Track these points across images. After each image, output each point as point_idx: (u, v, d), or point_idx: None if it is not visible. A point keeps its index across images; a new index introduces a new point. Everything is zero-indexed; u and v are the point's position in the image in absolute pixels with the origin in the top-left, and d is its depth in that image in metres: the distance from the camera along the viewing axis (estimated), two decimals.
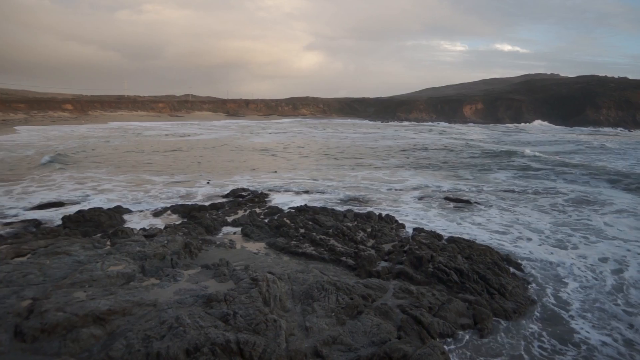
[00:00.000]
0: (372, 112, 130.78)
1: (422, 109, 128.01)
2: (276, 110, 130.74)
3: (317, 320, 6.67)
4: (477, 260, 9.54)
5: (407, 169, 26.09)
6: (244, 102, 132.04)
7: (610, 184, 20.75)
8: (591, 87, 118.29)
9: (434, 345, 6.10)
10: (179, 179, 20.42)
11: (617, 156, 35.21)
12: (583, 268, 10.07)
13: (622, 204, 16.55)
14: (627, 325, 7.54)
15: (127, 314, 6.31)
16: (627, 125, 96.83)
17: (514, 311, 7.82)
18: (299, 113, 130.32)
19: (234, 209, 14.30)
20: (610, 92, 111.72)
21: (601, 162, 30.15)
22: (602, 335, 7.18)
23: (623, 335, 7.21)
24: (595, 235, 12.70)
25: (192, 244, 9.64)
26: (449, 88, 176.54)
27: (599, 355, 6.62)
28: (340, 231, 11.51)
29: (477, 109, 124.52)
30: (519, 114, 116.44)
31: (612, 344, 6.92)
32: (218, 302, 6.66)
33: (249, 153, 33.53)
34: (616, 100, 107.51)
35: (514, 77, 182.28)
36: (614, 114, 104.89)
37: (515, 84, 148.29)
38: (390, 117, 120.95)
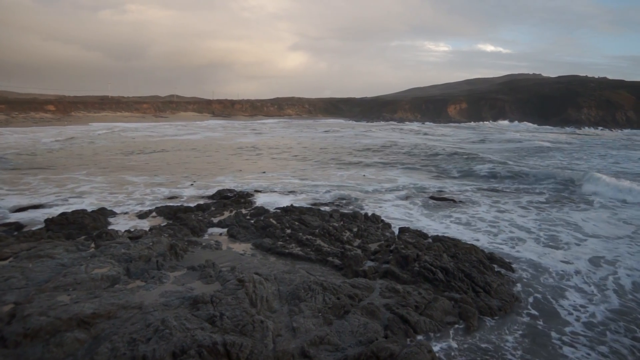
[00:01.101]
0: (357, 112, 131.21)
1: (407, 109, 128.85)
2: (262, 110, 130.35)
3: (304, 320, 6.68)
4: (463, 259, 9.64)
5: (392, 168, 26.23)
6: (229, 103, 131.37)
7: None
8: (572, 87, 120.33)
9: (421, 344, 6.16)
10: (164, 180, 20.24)
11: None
12: (566, 263, 10.25)
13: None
14: (614, 316, 7.70)
15: (112, 317, 6.24)
16: (608, 125, 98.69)
17: (499, 308, 7.92)
18: (285, 113, 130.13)
19: (219, 210, 14.23)
20: (590, 92, 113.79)
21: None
22: (587, 330, 7.31)
23: (606, 327, 7.36)
24: (576, 231, 12.94)
25: (178, 246, 9.57)
26: (434, 88, 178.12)
27: (582, 347, 6.73)
28: (327, 231, 11.54)
29: (461, 109, 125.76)
30: (503, 114, 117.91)
31: (595, 337, 7.06)
32: (204, 304, 6.63)
33: (235, 153, 33.38)
34: (597, 100, 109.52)
35: (497, 77, 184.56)
36: (594, 113, 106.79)
37: (498, 84, 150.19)
38: (375, 117, 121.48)
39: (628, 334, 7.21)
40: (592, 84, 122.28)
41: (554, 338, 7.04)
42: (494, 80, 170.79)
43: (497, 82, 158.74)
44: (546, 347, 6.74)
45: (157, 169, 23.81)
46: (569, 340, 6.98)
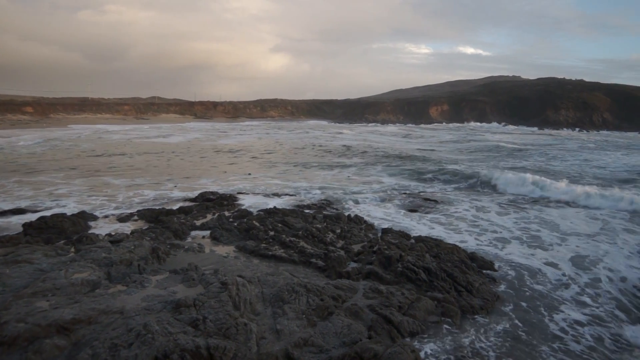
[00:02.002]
0: (340, 113, 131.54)
1: (390, 111, 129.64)
2: (244, 112, 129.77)
3: (288, 322, 6.68)
4: (445, 259, 9.74)
5: (374, 169, 26.36)
6: (211, 104, 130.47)
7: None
8: (550, 89, 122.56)
9: (404, 344, 6.21)
10: (146, 182, 20.00)
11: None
12: (545, 261, 10.45)
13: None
14: (587, 311, 7.86)
15: (92, 323, 6.15)
16: (585, 126, 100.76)
17: (481, 307, 8.03)
18: (268, 115, 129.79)
19: (202, 212, 14.12)
20: (568, 94, 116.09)
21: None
22: (566, 326, 7.44)
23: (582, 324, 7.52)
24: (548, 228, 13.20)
25: (160, 249, 9.47)
26: (416, 90, 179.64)
27: (559, 345, 6.86)
28: (310, 233, 11.55)
29: (442, 110, 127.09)
30: (483, 115, 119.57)
31: (574, 333, 7.20)
32: (187, 308, 6.57)
33: (218, 155, 33.15)
34: (574, 101, 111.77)
35: (478, 79, 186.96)
36: (572, 114, 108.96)
37: (479, 86, 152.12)
38: (358, 118, 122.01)
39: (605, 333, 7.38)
40: (569, 86, 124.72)
41: (536, 335, 7.15)
42: (475, 82, 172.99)
43: (477, 84, 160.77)
44: (527, 345, 6.84)
45: (139, 172, 23.51)
46: (551, 338, 7.11)
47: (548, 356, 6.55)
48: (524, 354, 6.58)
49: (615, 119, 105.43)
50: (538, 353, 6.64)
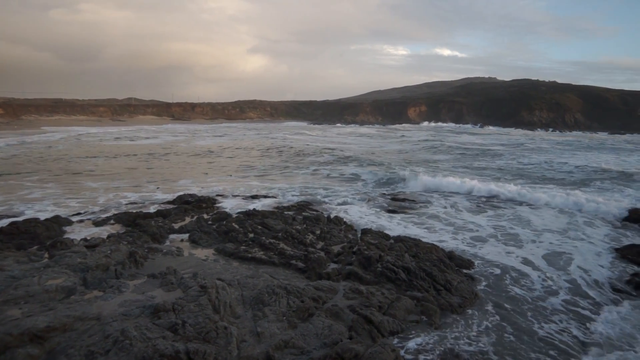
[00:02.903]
0: (319, 115, 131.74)
1: (368, 112, 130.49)
2: (223, 113, 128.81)
3: (269, 325, 6.65)
4: (424, 258, 9.85)
5: (353, 170, 26.46)
6: (189, 106, 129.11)
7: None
8: (525, 90, 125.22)
9: (385, 343, 6.24)
10: (123, 185, 19.66)
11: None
12: (521, 258, 10.66)
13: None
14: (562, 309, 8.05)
15: (68, 330, 6.01)
16: (558, 126, 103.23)
17: (459, 305, 8.13)
18: (247, 116, 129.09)
19: (180, 215, 13.95)
20: (542, 95, 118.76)
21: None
22: (545, 323, 7.60)
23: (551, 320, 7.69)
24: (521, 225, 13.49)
25: (138, 253, 9.32)
26: (394, 91, 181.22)
27: (537, 341, 7.00)
28: (290, 234, 11.53)
29: (421, 111, 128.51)
30: (460, 116, 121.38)
31: (548, 328, 7.36)
32: (166, 312, 6.48)
33: (196, 157, 32.81)
34: (547, 102, 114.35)
35: (455, 81, 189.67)
36: (545, 115, 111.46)
37: (456, 87, 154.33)
38: (337, 119, 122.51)
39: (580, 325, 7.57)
40: (542, 87, 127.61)
41: (515, 330, 7.28)
42: (452, 84, 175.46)
43: (454, 85, 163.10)
44: (507, 340, 6.96)
45: (115, 174, 23.10)
46: (529, 332, 7.25)
47: (527, 352, 6.66)
48: (503, 349, 6.69)
49: (587, 120, 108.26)
50: (517, 347, 6.76)
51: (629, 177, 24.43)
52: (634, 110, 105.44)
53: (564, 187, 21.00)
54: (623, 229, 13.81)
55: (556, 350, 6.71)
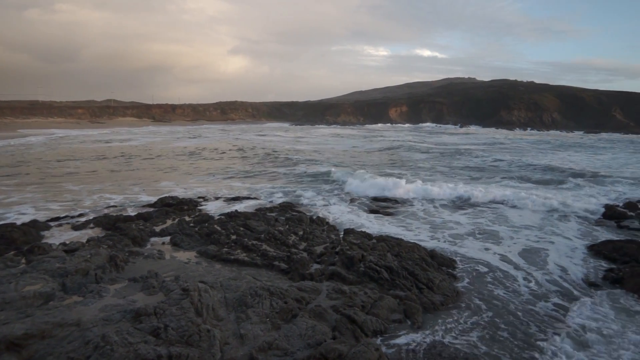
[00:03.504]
0: (301, 115, 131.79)
1: (350, 112, 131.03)
2: (204, 115, 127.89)
3: (252, 326, 6.63)
4: (406, 257, 9.93)
5: (335, 170, 26.54)
6: (170, 107, 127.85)
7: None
8: (504, 90, 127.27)
9: (368, 343, 6.28)
10: (102, 188, 19.36)
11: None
12: (500, 255, 10.85)
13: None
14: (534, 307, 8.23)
15: (46, 337, 5.90)
16: (536, 126, 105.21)
17: (441, 303, 8.23)
18: (228, 118, 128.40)
19: (162, 218, 13.81)
20: (520, 95, 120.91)
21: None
22: (526, 319, 7.74)
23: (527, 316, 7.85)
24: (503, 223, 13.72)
25: (118, 257, 9.19)
26: (375, 91, 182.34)
27: (518, 336, 7.13)
28: (272, 235, 11.51)
29: (402, 112, 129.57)
30: (441, 116, 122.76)
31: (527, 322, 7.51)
32: (147, 316, 6.41)
33: (178, 159, 32.49)
34: (525, 102, 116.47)
35: (435, 81, 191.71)
36: (524, 115, 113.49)
37: (436, 87, 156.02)
38: (319, 120, 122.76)
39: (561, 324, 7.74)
40: (521, 87, 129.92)
41: (496, 328, 7.40)
42: (433, 84, 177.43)
43: (435, 86, 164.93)
44: (487, 339, 7.07)
45: (95, 177, 22.74)
46: (510, 328, 7.38)
47: (509, 347, 6.78)
48: (485, 345, 6.79)
49: (564, 119, 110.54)
50: (499, 343, 6.87)
51: (603, 175, 25.03)
52: (608, 110, 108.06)
53: (538, 186, 21.45)
54: (598, 226, 14.14)
55: (537, 347, 6.83)
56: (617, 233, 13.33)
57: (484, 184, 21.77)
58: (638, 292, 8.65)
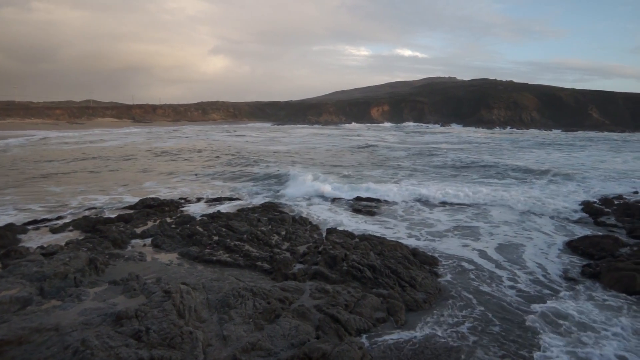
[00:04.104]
0: (283, 115, 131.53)
1: (332, 112, 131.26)
2: (185, 115, 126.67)
3: (235, 327, 6.60)
4: (388, 256, 10.00)
5: (315, 170, 26.57)
6: (150, 108, 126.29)
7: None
8: (484, 89, 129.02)
9: (352, 342, 6.31)
10: (84, 189, 19.01)
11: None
12: (479, 251, 11.01)
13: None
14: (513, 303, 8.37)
15: (24, 342, 5.77)
16: (515, 124, 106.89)
17: (424, 301, 8.31)
18: (210, 118, 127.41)
19: (143, 219, 13.64)
20: (499, 94, 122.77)
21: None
22: (507, 315, 7.86)
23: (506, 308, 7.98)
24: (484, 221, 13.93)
25: (98, 260, 9.05)
26: (357, 91, 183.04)
27: (499, 333, 7.24)
28: (255, 236, 11.47)
29: (383, 111, 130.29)
30: (422, 115, 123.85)
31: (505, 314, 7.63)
32: (129, 319, 6.33)
33: (159, 159, 32.10)
34: (505, 101, 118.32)
35: (417, 80, 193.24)
36: (504, 114, 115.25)
37: (417, 87, 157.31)
38: (301, 120, 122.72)
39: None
40: (500, 87, 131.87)
41: (477, 325, 7.50)
42: (414, 84, 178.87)
43: (416, 85, 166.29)
44: (470, 335, 7.16)
45: (74, 179, 22.34)
46: (491, 326, 7.48)
47: (490, 344, 6.87)
48: (467, 341, 6.87)
49: (542, 118, 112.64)
50: (481, 339, 6.96)
51: (579, 173, 25.55)
52: (585, 109, 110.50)
53: (516, 183, 21.80)
54: (575, 222, 14.42)
55: (521, 340, 6.94)
56: (594, 229, 13.62)
57: (461, 182, 22.07)
58: (614, 286, 8.85)
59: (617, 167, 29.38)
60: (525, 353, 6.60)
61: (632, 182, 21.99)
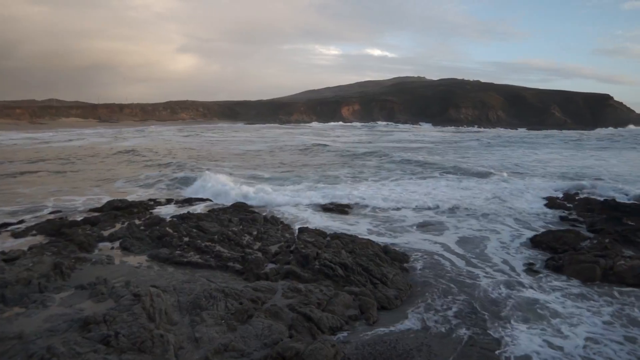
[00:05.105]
0: (254, 115, 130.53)
1: (303, 111, 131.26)
2: (153, 115, 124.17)
3: (207, 329, 6.55)
4: (360, 253, 10.08)
5: (286, 170, 26.54)
6: (117, 107, 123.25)
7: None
8: (452, 88, 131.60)
9: (325, 340, 6.35)
10: (45, 192, 18.38)
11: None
12: (446, 246, 11.26)
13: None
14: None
15: None
16: (482, 123, 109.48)
17: (395, 297, 8.42)
18: (179, 117, 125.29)
19: (110, 222, 13.31)
20: (467, 93, 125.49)
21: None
22: (476, 310, 8.05)
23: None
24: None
25: (64, 264, 8.80)
26: (327, 90, 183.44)
27: (466, 328, 7.41)
28: (226, 236, 11.38)
29: (354, 110, 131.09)
30: (392, 114, 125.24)
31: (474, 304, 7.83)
32: (97, 324, 6.19)
33: (125, 161, 31.35)
34: (472, 100, 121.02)
35: (386, 80, 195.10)
36: (471, 113, 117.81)
37: (387, 86, 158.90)
38: (272, 119, 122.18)
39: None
40: (468, 86, 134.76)
41: (447, 321, 7.65)
42: (384, 83, 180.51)
43: (386, 85, 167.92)
44: (440, 329, 7.30)
45: (36, 180, 21.58)
46: (462, 318, 7.65)
47: (459, 341, 7.03)
48: (436, 336, 7.00)
49: (508, 117, 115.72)
50: (451, 332, 7.11)
51: (542, 170, 26.38)
52: (548, 108, 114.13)
53: (480, 180, 22.29)
54: (539, 218, 14.86)
55: (486, 334, 7.13)
56: (557, 223, 14.10)
57: (422, 178, 22.52)
58: (577, 277, 9.38)
59: (575, 164, 30.51)
60: (494, 341, 6.82)
61: (581, 179, 22.76)
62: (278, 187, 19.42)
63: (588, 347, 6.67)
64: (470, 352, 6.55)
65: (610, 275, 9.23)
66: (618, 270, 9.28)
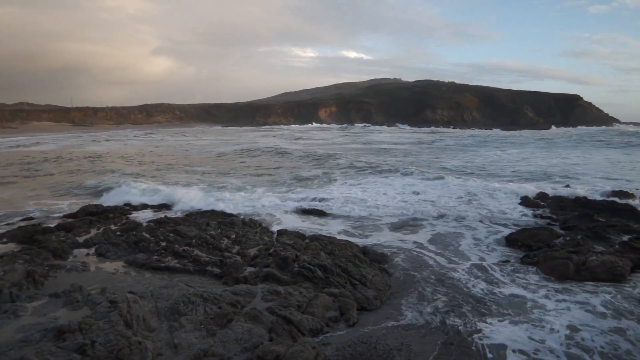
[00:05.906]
0: (230, 117, 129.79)
1: (280, 113, 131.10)
2: (129, 118, 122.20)
3: (186, 335, 6.48)
4: (339, 255, 10.12)
5: (262, 173, 26.46)
6: (91, 111, 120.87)
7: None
8: (428, 90, 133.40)
9: (305, 342, 6.36)
10: (14, 197, 17.90)
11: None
12: (422, 245, 11.40)
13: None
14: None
15: None
16: (457, 124, 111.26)
17: (375, 297, 8.48)
18: (154, 120, 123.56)
19: (85, 228, 13.04)
20: (442, 94, 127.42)
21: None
22: (453, 303, 8.17)
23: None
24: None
25: (37, 272, 8.59)
26: (304, 92, 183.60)
27: (450, 319, 7.52)
28: (204, 240, 11.29)
29: (331, 112, 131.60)
30: (369, 116, 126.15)
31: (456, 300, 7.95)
32: (72, 333, 6.07)
33: (101, 163, 30.73)
34: (448, 101, 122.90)
35: (363, 82, 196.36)
36: (447, 113, 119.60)
37: (364, 88, 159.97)
38: (249, 122, 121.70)
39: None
40: (443, 87, 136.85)
41: (427, 320, 7.75)
42: (360, 85, 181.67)
43: (363, 87, 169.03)
44: (419, 329, 7.38)
45: (5, 185, 20.97)
46: (441, 317, 7.76)
47: (439, 334, 7.12)
48: (417, 336, 7.08)
49: (482, 117, 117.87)
50: (432, 332, 7.20)
51: (516, 169, 26.96)
52: (520, 108, 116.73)
53: (456, 179, 22.64)
54: (514, 216, 15.16)
55: (465, 331, 7.23)
56: (531, 222, 14.43)
57: (395, 179, 22.74)
58: (551, 273, 9.65)
59: (547, 162, 31.30)
60: (472, 337, 6.97)
61: (552, 177, 23.40)
62: (251, 192, 19.38)
63: (567, 337, 6.97)
64: (450, 350, 6.65)
65: (582, 271, 9.50)
66: (590, 265, 9.56)
